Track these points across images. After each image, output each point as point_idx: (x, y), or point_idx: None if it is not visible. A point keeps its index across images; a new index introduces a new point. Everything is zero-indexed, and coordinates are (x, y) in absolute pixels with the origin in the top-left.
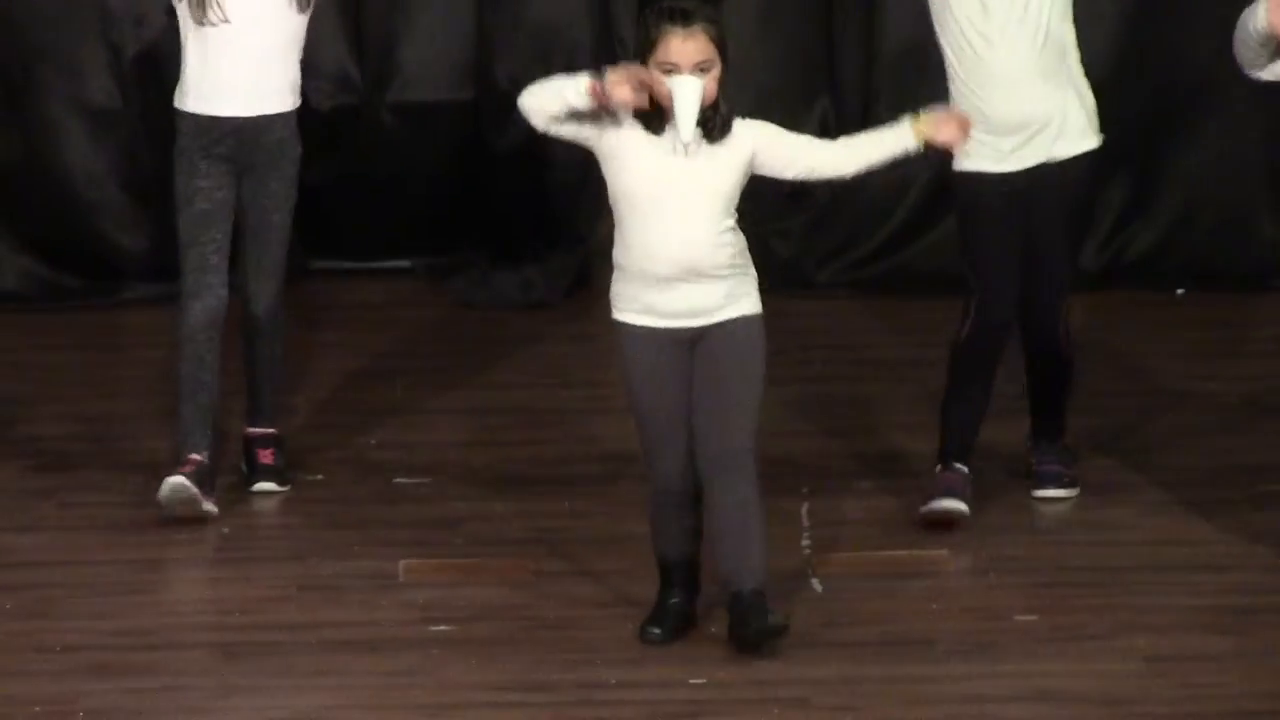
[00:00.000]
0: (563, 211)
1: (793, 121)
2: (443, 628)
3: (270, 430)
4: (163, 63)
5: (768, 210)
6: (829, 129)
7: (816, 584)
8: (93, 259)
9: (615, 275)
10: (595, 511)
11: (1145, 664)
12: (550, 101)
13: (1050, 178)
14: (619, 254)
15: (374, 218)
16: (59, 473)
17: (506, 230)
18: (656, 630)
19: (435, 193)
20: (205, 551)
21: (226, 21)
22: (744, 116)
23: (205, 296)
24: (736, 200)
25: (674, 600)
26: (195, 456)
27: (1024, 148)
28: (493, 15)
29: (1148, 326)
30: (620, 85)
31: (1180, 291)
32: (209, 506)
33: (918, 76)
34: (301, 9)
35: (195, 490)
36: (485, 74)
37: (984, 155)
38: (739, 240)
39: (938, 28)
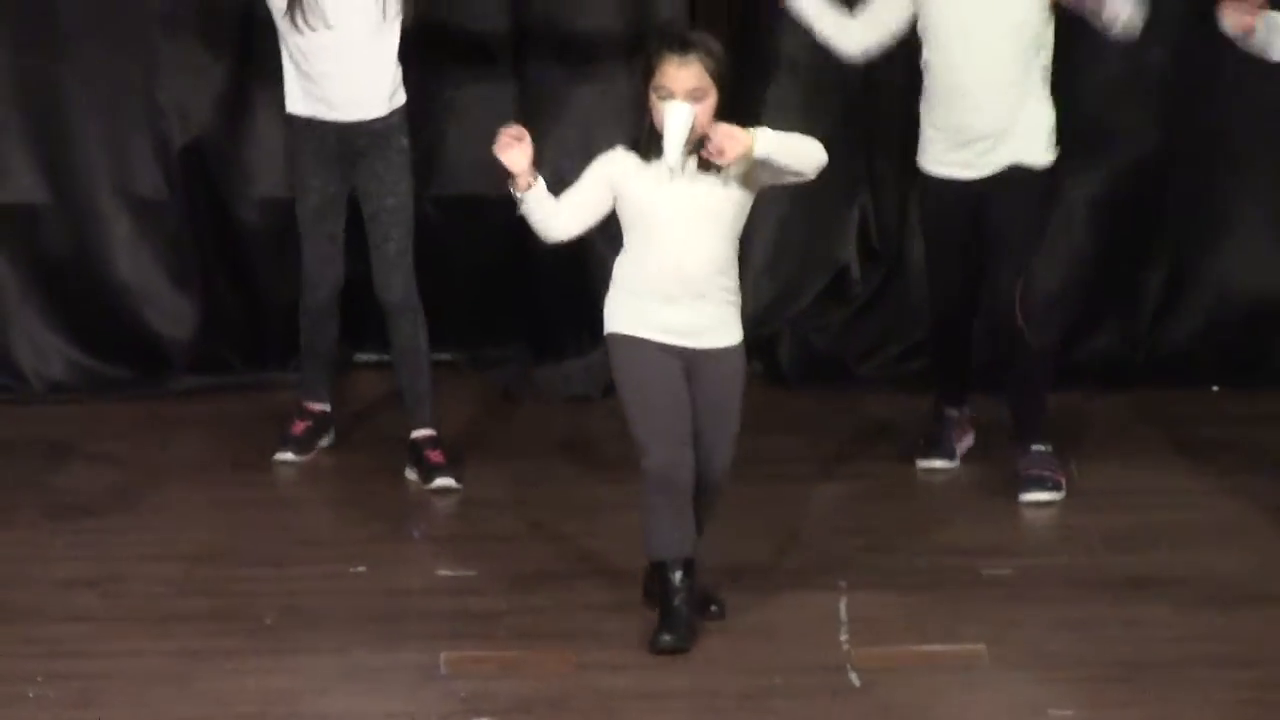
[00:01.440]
0: (603, 308)
1: (836, 218)
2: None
3: (433, 432)
4: (208, 155)
5: (807, 306)
6: (868, 224)
7: (855, 678)
8: (139, 350)
9: (612, 292)
10: (636, 604)
11: None
12: (544, 224)
13: (1013, 185)
14: (620, 270)
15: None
16: (104, 561)
17: (549, 325)
18: (668, 637)
19: (478, 287)
20: (248, 642)
21: (314, 30)
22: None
23: (322, 286)
24: (741, 224)
25: (678, 604)
26: (315, 406)
27: (989, 154)
28: (534, 110)
29: (1183, 422)
30: (501, 150)
31: (1215, 389)
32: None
33: None
34: (389, 18)
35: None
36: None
37: (952, 162)
38: (735, 264)
39: (922, 38)
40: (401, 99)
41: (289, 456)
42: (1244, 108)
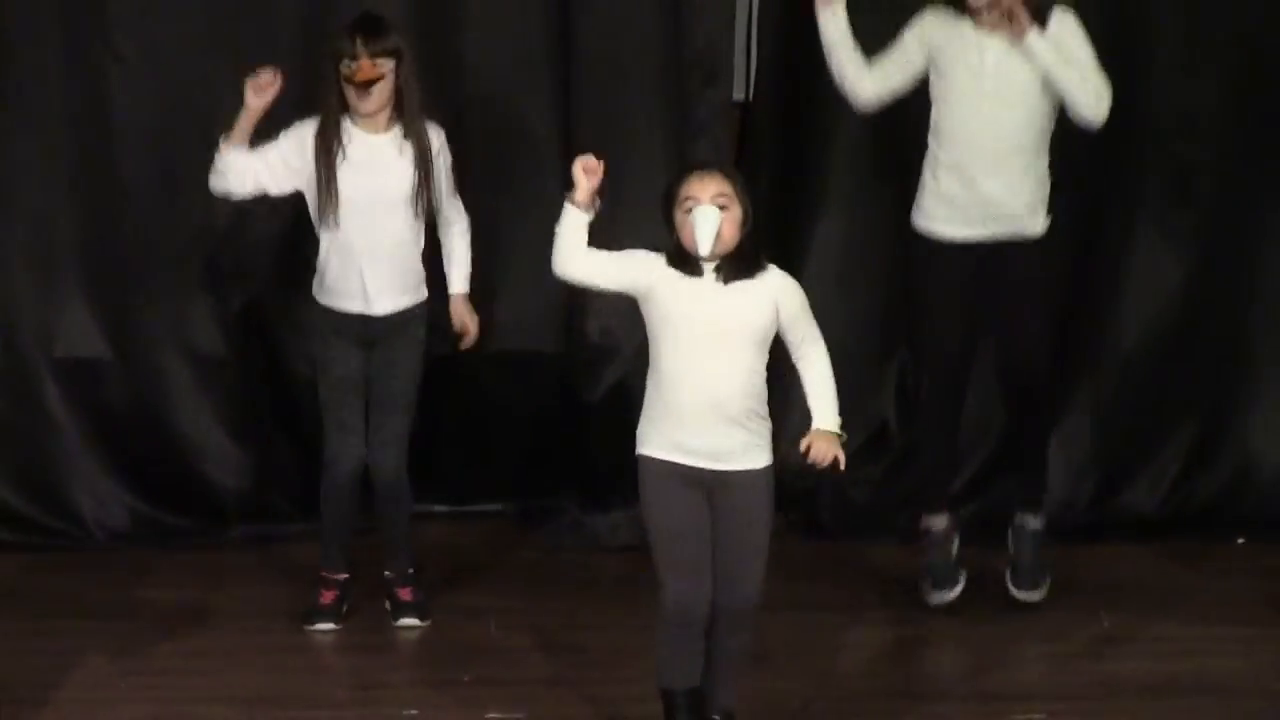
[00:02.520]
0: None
1: (875, 375)
2: None
3: (408, 576)
4: (265, 315)
5: (847, 461)
6: (906, 381)
7: None
8: (197, 500)
9: (644, 414)
10: None
11: None
12: (568, 251)
13: (1012, 251)
14: (650, 388)
15: (468, 463)
16: (165, 704)
17: (595, 477)
18: None
19: (527, 440)
20: None
21: (339, 228)
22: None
23: (343, 460)
24: (768, 344)
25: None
26: (337, 575)
27: (989, 218)
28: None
29: (1211, 573)
30: (578, 172)
31: (1240, 540)
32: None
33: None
34: (419, 216)
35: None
36: (576, 328)
37: (952, 220)
38: (764, 389)
39: (933, 99)
40: (424, 294)
41: (328, 626)
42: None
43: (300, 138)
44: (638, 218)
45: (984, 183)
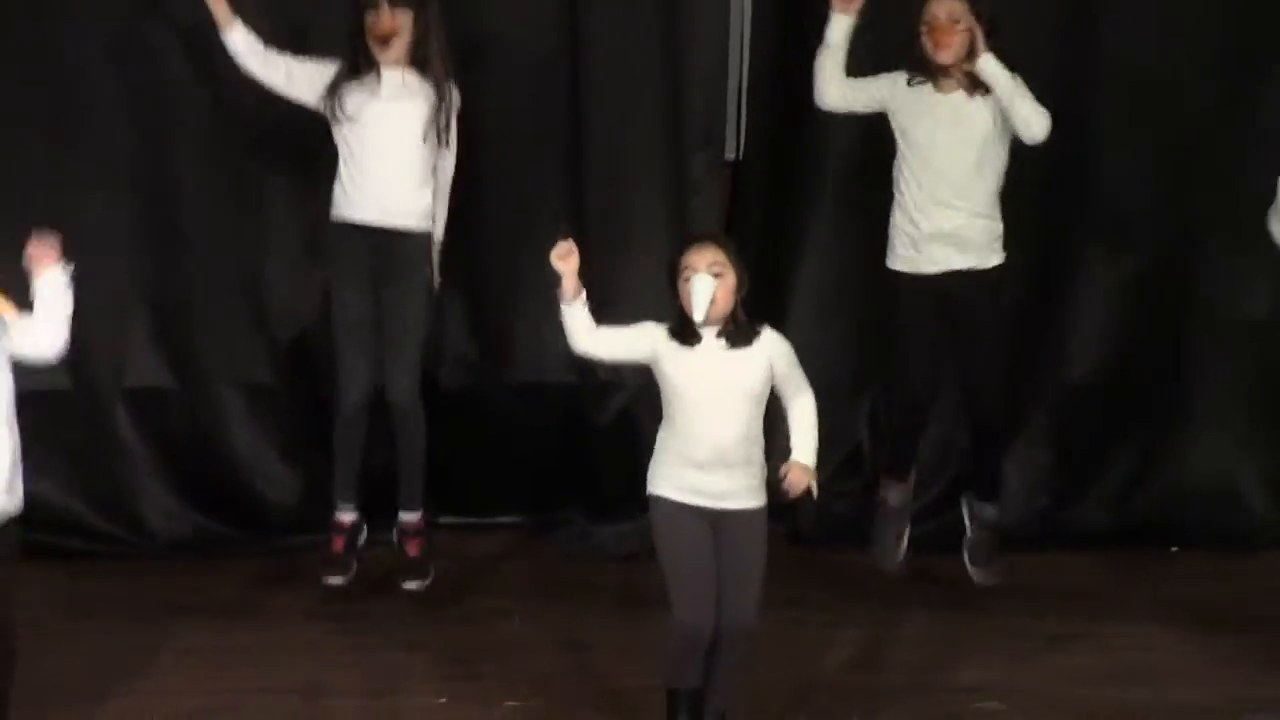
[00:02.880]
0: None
1: (850, 405)
2: None
3: (417, 517)
4: (308, 350)
5: (826, 478)
6: (877, 410)
7: None
8: (249, 513)
9: (656, 456)
10: None
11: None
12: (576, 336)
13: (974, 281)
14: (664, 437)
15: (489, 481)
16: (222, 694)
17: (601, 493)
18: None
19: (542, 460)
20: None
21: (352, 123)
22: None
23: (352, 392)
24: (765, 398)
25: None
26: (346, 518)
27: (950, 253)
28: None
29: (1148, 579)
30: (556, 264)
31: (1174, 549)
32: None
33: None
34: (426, 142)
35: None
36: (585, 362)
37: (918, 259)
38: (761, 437)
39: (897, 139)
40: (428, 227)
41: (337, 580)
42: (1206, 317)
43: (327, 67)
44: (641, 260)
45: (945, 222)
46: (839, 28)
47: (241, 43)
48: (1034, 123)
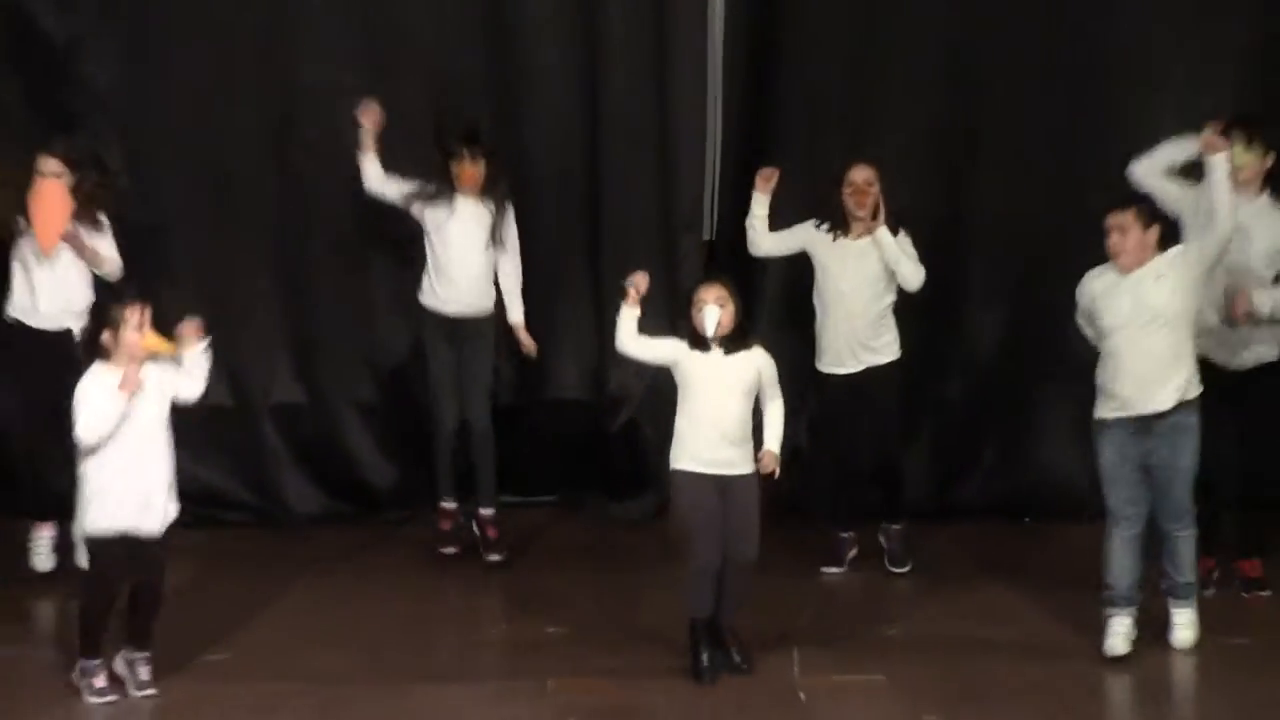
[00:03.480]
0: (649, 470)
1: (791, 408)
2: None
3: (493, 511)
4: (405, 377)
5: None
6: (813, 413)
7: (802, 695)
8: (361, 495)
9: (676, 440)
10: (676, 653)
11: None
12: (624, 336)
13: (880, 374)
14: (681, 425)
15: (532, 471)
16: (345, 628)
17: (613, 479)
18: (702, 675)
19: (569, 456)
20: (430, 669)
21: (444, 254)
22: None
23: (446, 422)
24: (754, 393)
25: (704, 654)
26: (449, 506)
27: (859, 356)
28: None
29: (1010, 544)
30: (633, 281)
31: (1027, 520)
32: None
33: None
34: (490, 248)
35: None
36: (601, 383)
37: (838, 361)
38: (751, 421)
39: (815, 284)
40: (491, 311)
41: (450, 549)
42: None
43: (423, 188)
44: (647, 307)
45: (853, 334)
46: (760, 202)
47: (371, 166)
48: (911, 279)
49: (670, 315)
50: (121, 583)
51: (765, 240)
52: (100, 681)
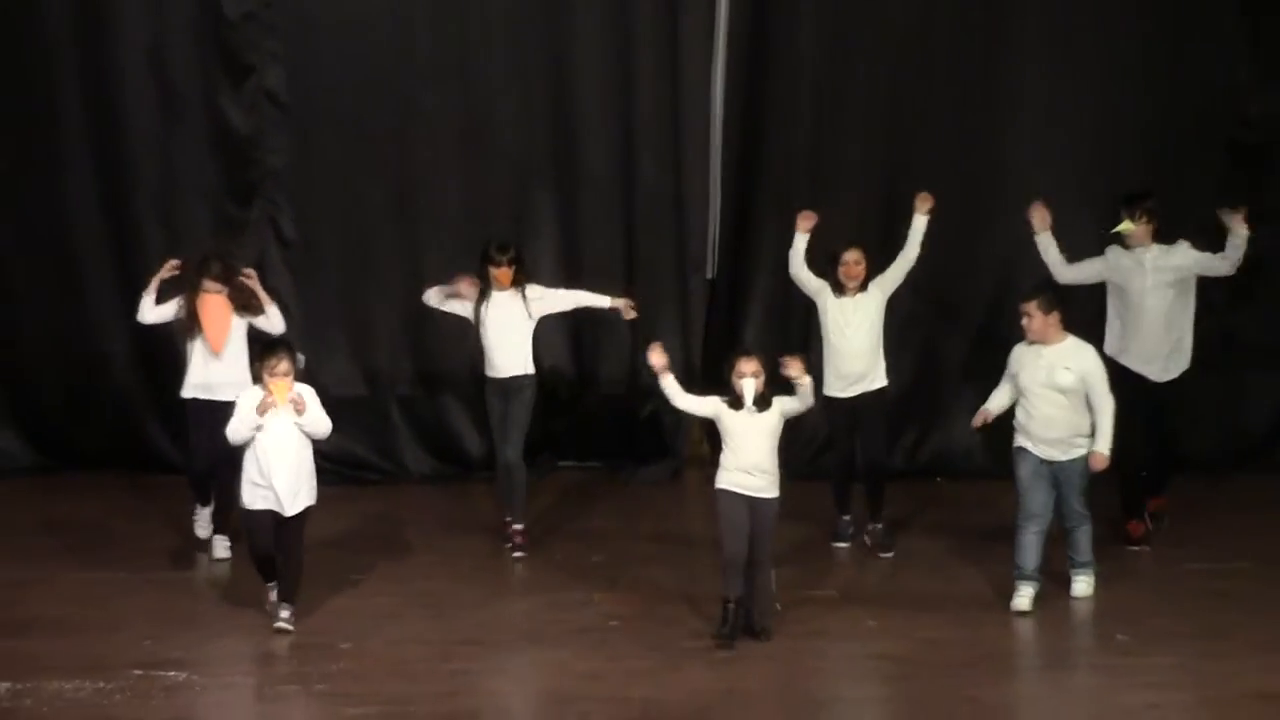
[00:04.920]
0: (667, 445)
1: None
2: (614, 622)
3: (521, 526)
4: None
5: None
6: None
7: (777, 606)
8: (459, 459)
9: (721, 467)
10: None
11: None
12: (672, 396)
13: (871, 399)
14: (724, 457)
15: (582, 443)
16: (442, 553)
17: (641, 452)
18: (724, 635)
19: (608, 432)
20: (492, 590)
21: (488, 338)
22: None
23: (501, 457)
24: (778, 437)
25: (730, 620)
26: (516, 526)
27: (855, 385)
28: (639, 349)
29: (924, 499)
30: (650, 353)
31: (939, 480)
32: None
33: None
34: (531, 321)
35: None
36: (632, 383)
37: (840, 387)
38: (776, 455)
39: (821, 328)
40: (532, 369)
41: (519, 555)
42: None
43: (468, 300)
44: (654, 337)
45: (850, 369)
46: (801, 238)
47: (436, 298)
48: (911, 264)
49: (683, 332)
50: (267, 547)
51: (800, 270)
52: (274, 595)
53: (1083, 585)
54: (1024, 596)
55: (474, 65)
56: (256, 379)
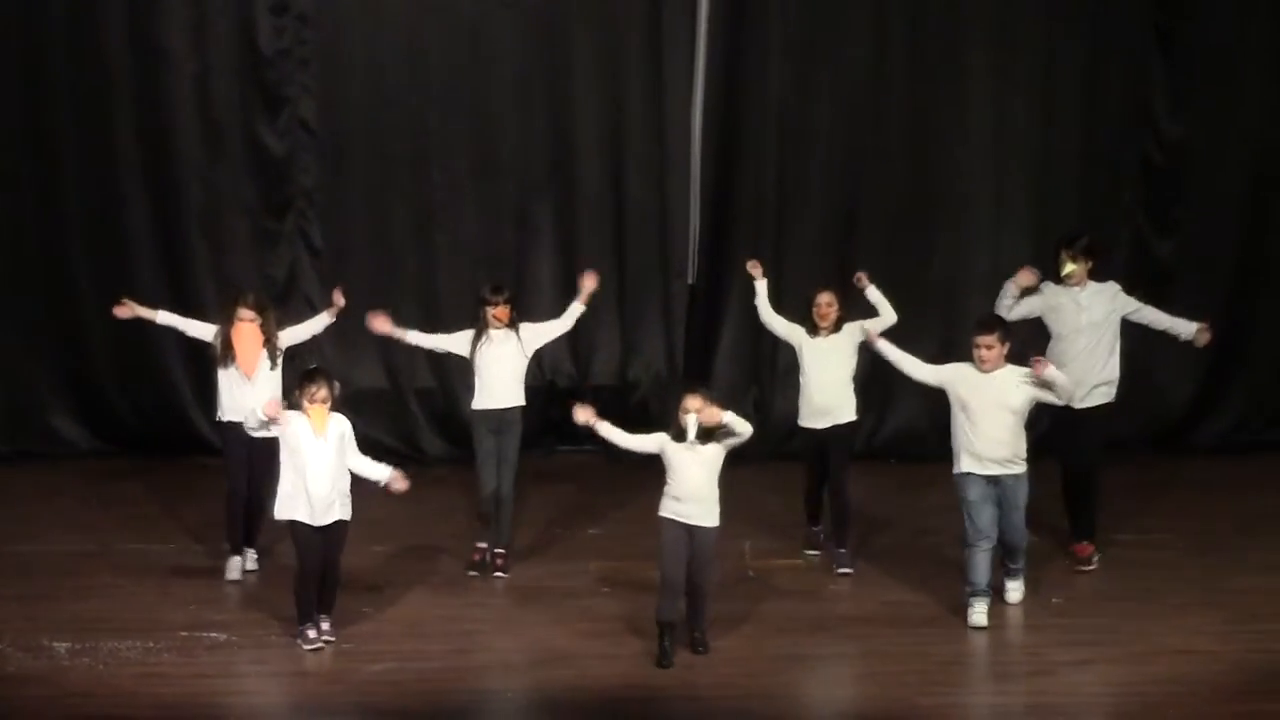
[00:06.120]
0: (654, 430)
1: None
2: (608, 589)
3: (504, 550)
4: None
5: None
6: (761, 407)
7: (750, 573)
8: (470, 443)
9: (664, 496)
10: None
11: None
12: (615, 441)
13: (841, 431)
14: (667, 488)
15: (579, 430)
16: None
17: (634, 433)
18: (664, 662)
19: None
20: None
21: (483, 374)
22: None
23: (487, 488)
24: (719, 467)
25: (667, 645)
26: (499, 550)
27: (828, 416)
28: (628, 343)
29: (886, 477)
30: (577, 414)
31: (892, 460)
32: (493, 572)
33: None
34: (525, 357)
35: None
36: (623, 374)
37: (812, 420)
38: (717, 486)
39: (799, 361)
40: (523, 401)
41: (474, 574)
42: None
43: (464, 337)
44: (642, 334)
45: (821, 402)
46: (760, 288)
47: (416, 339)
48: (888, 324)
49: (666, 330)
50: (316, 563)
51: (768, 317)
52: (311, 633)
53: (1015, 592)
54: (980, 613)
55: (482, 97)
56: (295, 405)
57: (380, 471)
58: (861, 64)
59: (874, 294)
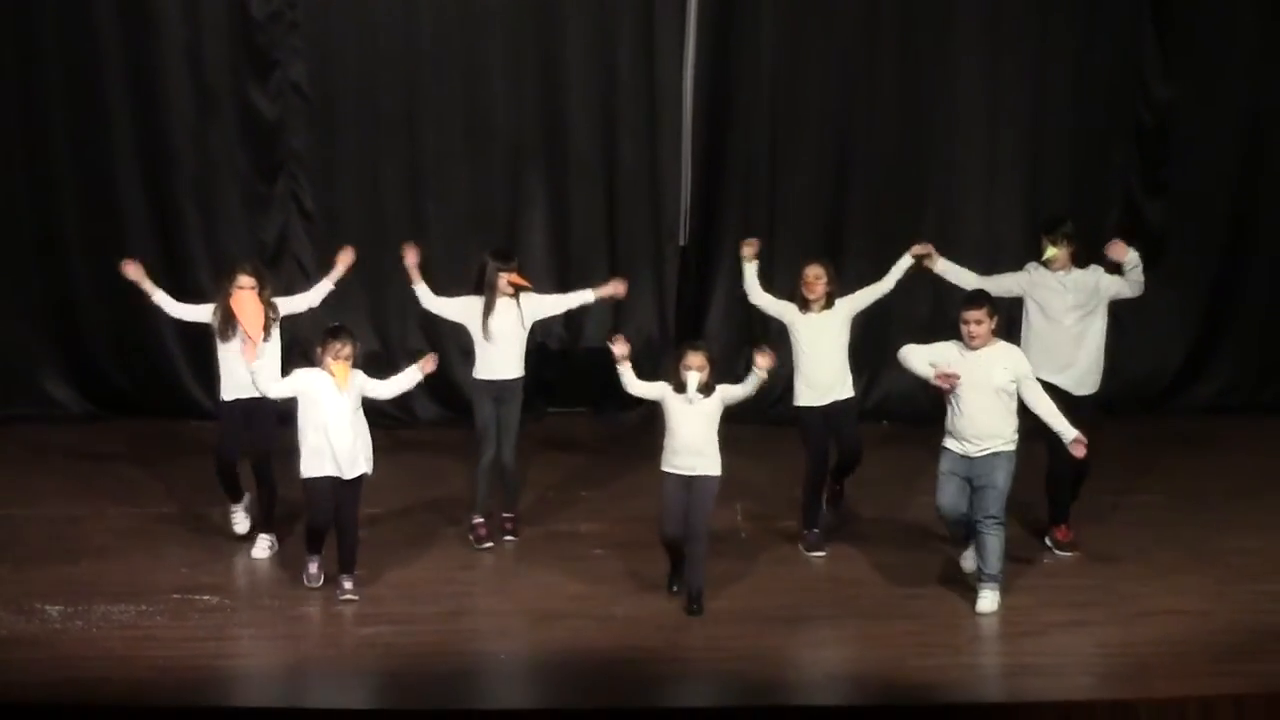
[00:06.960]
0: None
1: (730, 365)
2: (599, 550)
3: (513, 514)
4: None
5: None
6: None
7: (743, 534)
8: (464, 406)
9: (664, 448)
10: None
11: None
12: (626, 383)
13: (841, 406)
14: (666, 441)
15: (572, 391)
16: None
17: (619, 399)
18: (673, 586)
19: (592, 383)
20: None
21: (489, 340)
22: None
23: (485, 456)
24: (719, 420)
25: (676, 573)
26: (478, 520)
27: (829, 393)
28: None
29: (890, 439)
30: (615, 346)
31: (885, 422)
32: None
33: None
34: (525, 329)
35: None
36: (612, 338)
37: (812, 398)
38: (717, 437)
39: (791, 343)
40: (523, 370)
41: (485, 546)
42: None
43: (469, 306)
44: (633, 296)
45: (820, 379)
46: (749, 270)
47: (421, 291)
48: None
49: (658, 292)
50: (327, 516)
51: (757, 297)
52: (313, 568)
53: (988, 601)
54: (986, 599)
55: (474, 59)
56: (317, 362)
57: (410, 376)
58: (853, 27)
59: (905, 263)
